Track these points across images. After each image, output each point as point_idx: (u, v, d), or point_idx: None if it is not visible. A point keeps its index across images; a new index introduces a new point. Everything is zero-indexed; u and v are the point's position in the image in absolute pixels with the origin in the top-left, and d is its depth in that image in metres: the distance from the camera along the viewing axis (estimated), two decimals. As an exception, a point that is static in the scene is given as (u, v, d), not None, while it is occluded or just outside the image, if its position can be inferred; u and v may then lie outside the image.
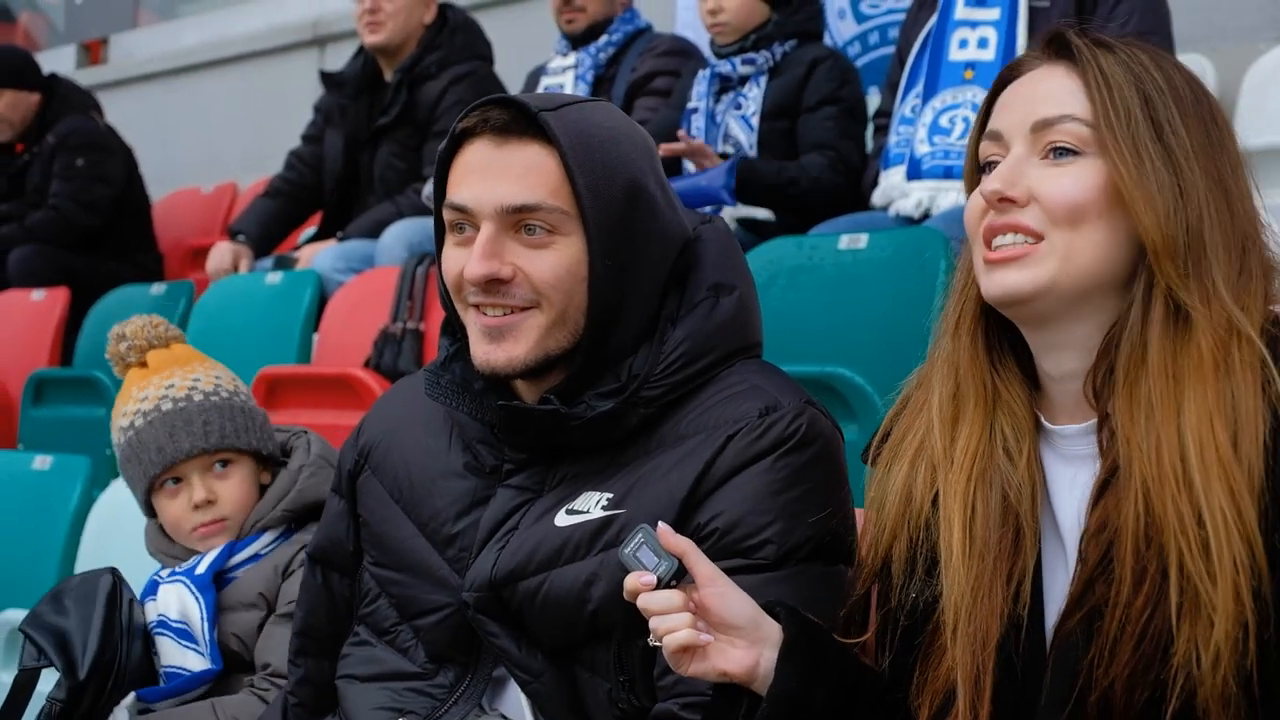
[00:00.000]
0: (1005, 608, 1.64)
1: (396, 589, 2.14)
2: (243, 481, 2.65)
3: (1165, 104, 1.63)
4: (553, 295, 1.95)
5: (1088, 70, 1.66)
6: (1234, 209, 1.61)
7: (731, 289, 2.06)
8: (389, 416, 2.27)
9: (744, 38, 4.42)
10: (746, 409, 1.95)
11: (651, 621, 1.69)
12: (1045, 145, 1.66)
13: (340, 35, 7.38)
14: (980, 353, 1.74)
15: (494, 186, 1.94)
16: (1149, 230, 1.59)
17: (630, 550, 1.72)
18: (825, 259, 3.57)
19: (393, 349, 4.35)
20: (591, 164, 1.93)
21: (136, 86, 8.80)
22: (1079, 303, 1.64)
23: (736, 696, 1.74)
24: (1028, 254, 1.64)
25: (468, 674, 2.07)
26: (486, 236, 1.95)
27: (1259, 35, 4.53)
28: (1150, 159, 1.60)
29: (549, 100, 1.99)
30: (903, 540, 1.76)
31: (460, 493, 2.10)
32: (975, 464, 1.70)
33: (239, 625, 2.58)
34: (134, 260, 6.33)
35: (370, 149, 5.32)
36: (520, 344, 1.97)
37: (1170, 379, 1.56)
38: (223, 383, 2.67)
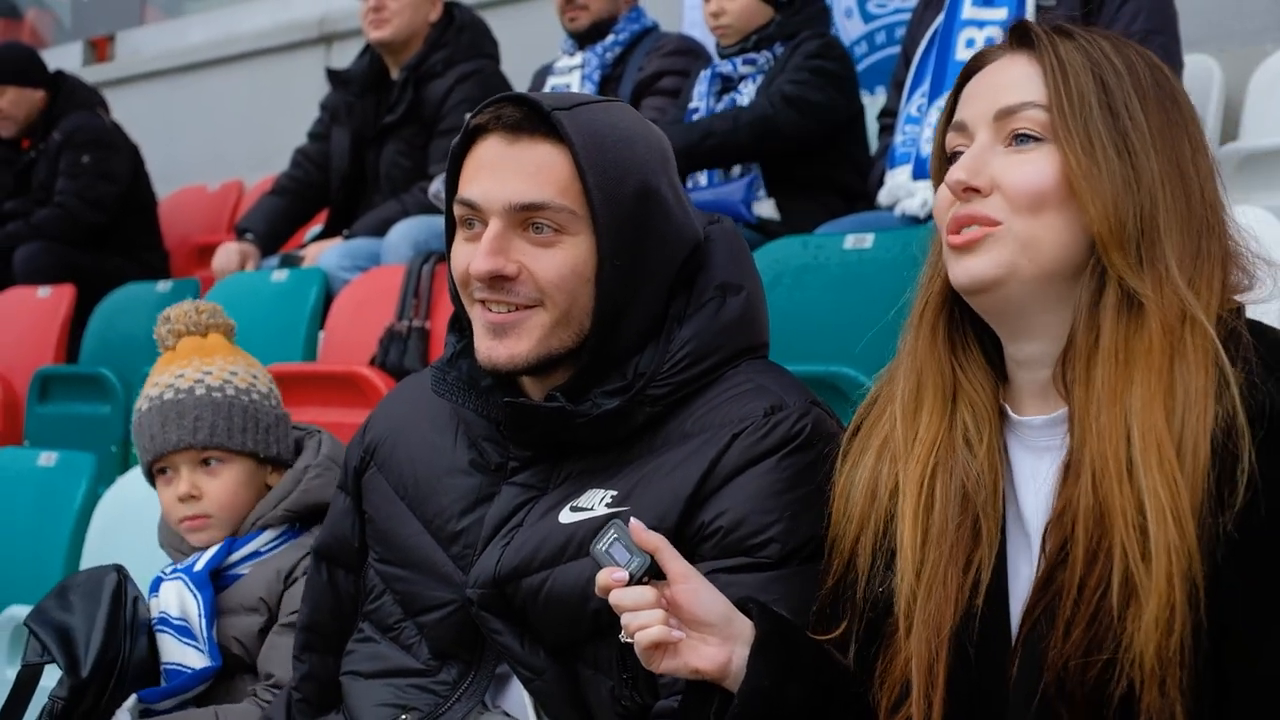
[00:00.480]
0: (961, 597, 1.64)
1: (401, 585, 2.14)
2: (232, 481, 2.62)
3: (1123, 89, 1.63)
4: (557, 295, 1.95)
5: (1045, 57, 1.66)
6: (1191, 194, 1.61)
7: (739, 289, 2.06)
8: (395, 413, 2.27)
9: (746, 38, 4.42)
10: (752, 408, 1.95)
11: (623, 618, 1.69)
12: (1008, 133, 1.67)
13: (346, 33, 7.38)
14: (941, 345, 1.75)
15: (504, 184, 1.95)
16: (1095, 219, 1.59)
17: (602, 546, 1.71)
18: (830, 258, 3.57)
19: (398, 347, 4.34)
20: (603, 164, 1.93)
21: (143, 84, 8.80)
22: (1043, 289, 1.64)
23: (708, 694, 1.74)
24: (985, 234, 1.64)
25: (471, 671, 2.07)
26: (494, 233, 1.95)
27: (1266, 36, 4.52)
28: (1103, 145, 1.60)
29: (563, 99, 1.99)
30: (868, 534, 1.76)
31: (465, 490, 2.10)
32: (933, 455, 1.70)
33: (239, 629, 2.57)
34: (140, 258, 6.34)
35: (376, 147, 5.32)
36: (523, 341, 1.97)
37: (1121, 365, 1.57)
38: (235, 379, 2.64)
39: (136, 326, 5.11)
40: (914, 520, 1.69)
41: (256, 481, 2.66)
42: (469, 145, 2.01)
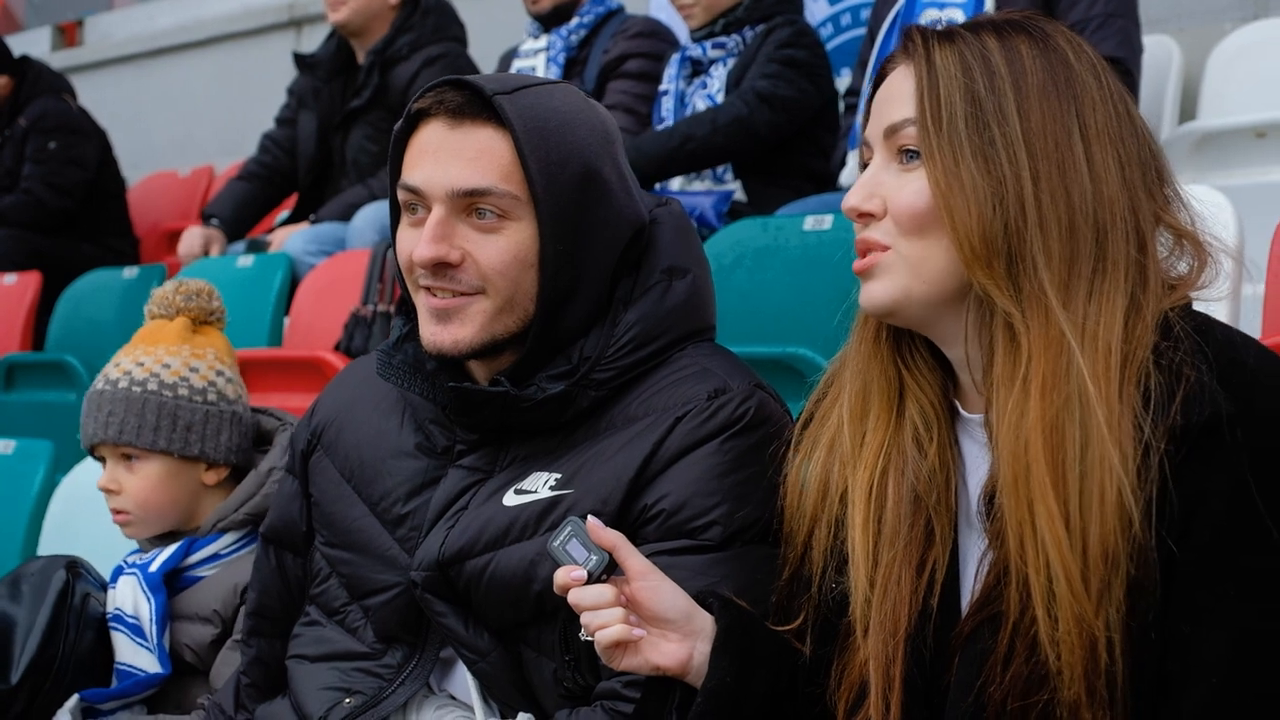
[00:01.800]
0: (916, 598, 1.63)
1: (347, 569, 2.14)
2: (151, 479, 2.58)
3: (996, 94, 1.57)
4: (499, 282, 1.95)
5: (917, 67, 1.62)
6: (1077, 195, 1.53)
7: (685, 272, 2.06)
8: (342, 396, 2.27)
9: (713, 21, 4.42)
10: (695, 391, 1.96)
11: (583, 617, 1.68)
12: (897, 150, 1.63)
13: (316, 17, 7.37)
14: (886, 346, 1.72)
15: (446, 169, 1.94)
16: (956, 239, 1.55)
17: (560, 543, 1.71)
18: (790, 240, 3.57)
19: (363, 331, 4.33)
20: (545, 148, 1.93)
21: (112, 69, 8.79)
22: (945, 306, 1.61)
23: (667, 690, 1.73)
24: (877, 261, 1.62)
25: (415, 654, 2.07)
26: (436, 219, 1.94)
27: (1224, 16, 4.54)
28: (966, 159, 1.55)
29: (505, 82, 1.97)
30: (821, 531, 1.75)
31: (411, 473, 2.10)
32: (880, 458, 1.68)
33: (192, 637, 2.55)
34: (109, 244, 6.31)
35: (343, 132, 5.31)
36: (466, 327, 1.96)
37: (1016, 388, 1.52)
38: (165, 373, 2.58)
39: (102, 313, 5.11)
40: (864, 527, 1.67)
41: (182, 480, 2.60)
42: (412, 130, 2.01)
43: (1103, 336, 1.50)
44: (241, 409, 2.67)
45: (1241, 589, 1.45)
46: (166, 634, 2.53)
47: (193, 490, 2.62)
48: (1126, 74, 3.73)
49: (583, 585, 1.68)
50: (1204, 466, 1.46)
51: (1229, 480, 1.45)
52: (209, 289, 2.71)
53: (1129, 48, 3.78)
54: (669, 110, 4.45)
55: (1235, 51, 4.21)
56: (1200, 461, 1.46)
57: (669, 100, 4.48)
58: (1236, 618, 1.45)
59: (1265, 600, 1.45)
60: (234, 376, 2.69)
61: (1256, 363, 1.49)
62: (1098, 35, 3.74)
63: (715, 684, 1.68)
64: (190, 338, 2.66)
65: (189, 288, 2.69)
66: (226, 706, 2.30)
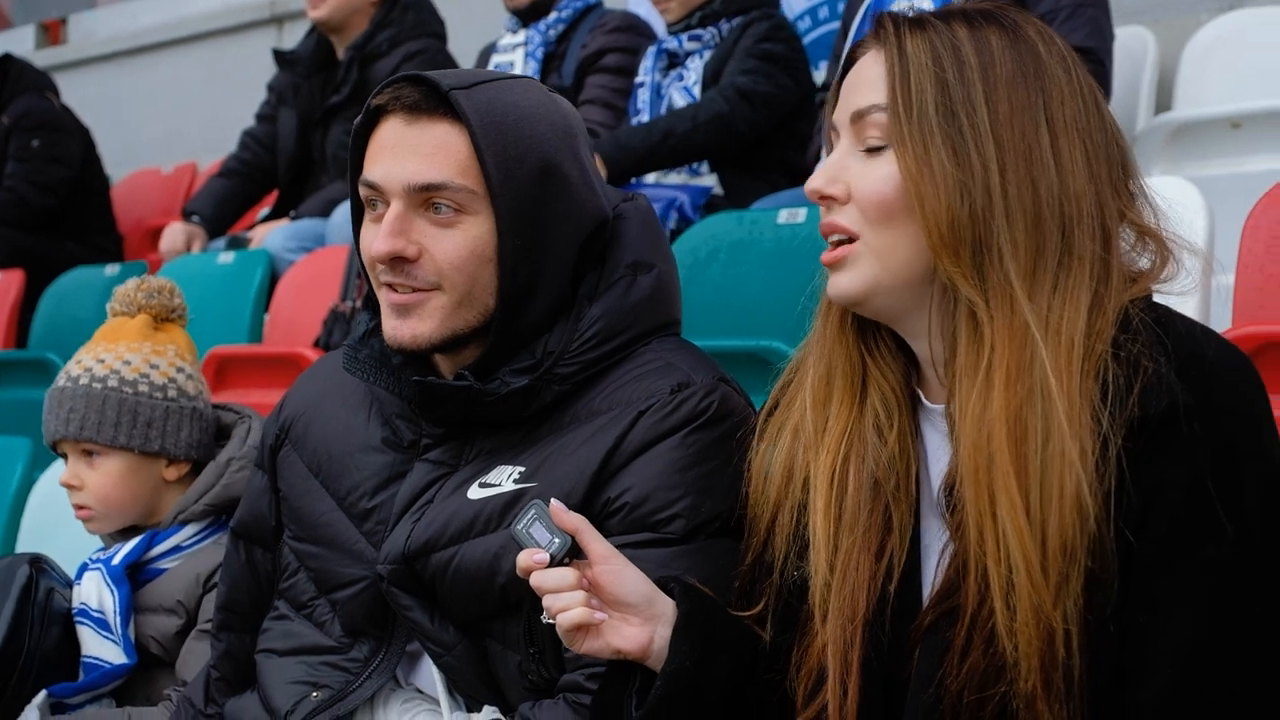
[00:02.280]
0: (874, 584, 1.64)
1: (314, 562, 2.14)
2: (111, 474, 2.60)
3: (966, 83, 1.57)
4: (455, 277, 1.95)
5: (889, 54, 1.62)
6: (1044, 188, 1.54)
7: (650, 267, 2.07)
8: (310, 391, 2.28)
9: (690, 14, 4.43)
10: (659, 386, 1.96)
11: (545, 600, 1.68)
12: (863, 137, 1.63)
13: (297, 13, 7.36)
14: (850, 334, 1.72)
15: (403, 164, 1.94)
16: (925, 226, 1.55)
17: (523, 526, 1.71)
18: (765, 234, 3.58)
19: (342, 327, 4.33)
20: (502, 143, 1.93)
21: (96, 66, 8.78)
22: (912, 296, 1.62)
23: (627, 674, 1.74)
24: (847, 254, 1.62)
25: (382, 648, 2.08)
26: (394, 214, 1.95)
27: (1200, 7, 4.54)
28: (936, 147, 1.55)
29: (463, 78, 1.98)
30: (784, 517, 1.75)
31: (378, 467, 2.11)
32: (842, 445, 1.69)
33: (157, 629, 2.56)
34: (92, 241, 6.30)
35: (323, 128, 5.31)
36: (425, 322, 1.97)
37: (978, 380, 1.53)
38: (126, 370, 2.59)
39: (84, 310, 5.11)
40: (826, 512, 1.68)
41: (143, 476, 2.62)
42: (373, 126, 2.01)
43: (1066, 330, 1.51)
44: (202, 405, 2.68)
45: (1198, 580, 1.46)
46: (131, 625, 2.54)
47: (154, 486, 2.64)
48: (1098, 63, 3.74)
49: (545, 568, 1.68)
50: (1161, 458, 1.47)
51: (1186, 472, 1.46)
52: (171, 286, 2.73)
53: (1100, 37, 3.79)
54: (645, 102, 4.46)
55: (1211, 42, 4.22)
56: (1158, 453, 1.47)
57: (645, 92, 4.48)
58: (1193, 609, 1.46)
59: (1221, 591, 1.46)
60: (194, 373, 2.70)
61: (1215, 355, 1.50)
62: (1068, 25, 3.75)
63: (675, 667, 1.69)
64: (151, 335, 2.67)
65: (150, 285, 2.70)
66: (197, 700, 2.31)
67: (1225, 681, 1.46)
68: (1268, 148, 3.72)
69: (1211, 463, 1.45)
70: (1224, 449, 1.46)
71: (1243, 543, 1.46)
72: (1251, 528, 1.46)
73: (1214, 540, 1.45)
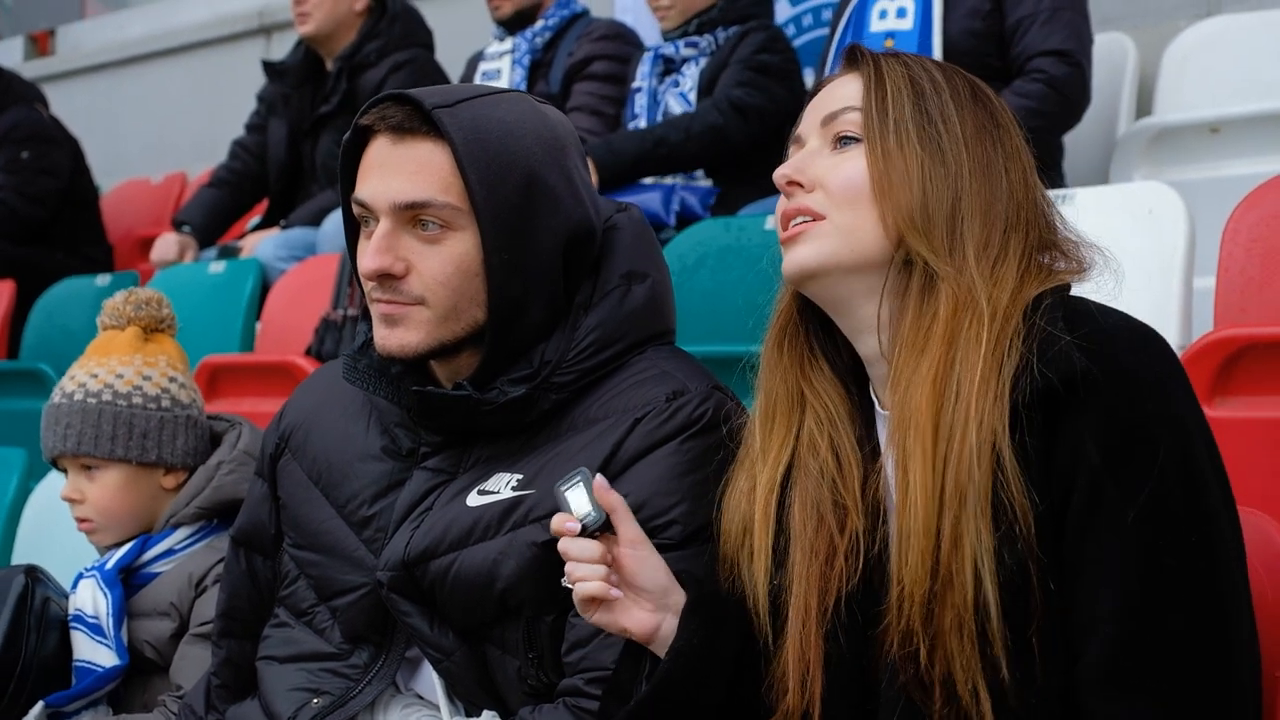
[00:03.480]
0: (829, 587, 1.70)
1: (315, 570, 2.17)
2: (111, 487, 2.64)
3: (939, 97, 1.73)
4: (441, 292, 1.99)
5: (865, 68, 1.76)
6: (995, 192, 1.70)
7: (644, 277, 2.10)
8: (309, 400, 2.31)
9: (687, 22, 4.47)
10: (654, 394, 2.00)
11: (567, 566, 1.77)
12: (833, 136, 1.75)
13: (286, 24, 7.36)
14: (787, 360, 1.83)
15: (389, 183, 1.98)
16: (896, 208, 1.68)
17: (565, 488, 1.78)
18: (752, 240, 3.61)
19: (333, 336, 4.36)
20: (485, 159, 1.96)
21: (85, 77, 8.77)
22: (864, 279, 1.71)
23: (639, 659, 1.82)
24: (809, 229, 1.72)
25: (382, 654, 2.11)
26: (382, 232, 1.99)
27: (1179, 13, 4.59)
28: (911, 138, 1.70)
29: (447, 95, 2.01)
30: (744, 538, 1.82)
31: (378, 475, 2.14)
32: (780, 466, 1.79)
33: (151, 633, 2.59)
34: (82, 252, 6.30)
35: (313, 138, 5.33)
36: (412, 332, 2.01)
37: (915, 352, 1.64)
38: (119, 383, 2.63)
39: (75, 321, 5.11)
40: (763, 528, 1.78)
41: (142, 486, 2.66)
42: (362, 143, 2.05)
43: (992, 304, 1.63)
44: (196, 413, 2.72)
45: (1124, 541, 1.54)
46: (124, 627, 2.57)
47: (153, 495, 2.67)
48: (1075, 66, 3.79)
49: (575, 536, 1.76)
50: (1071, 426, 1.56)
51: (1096, 436, 1.55)
52: (159, 297, 2.75)
53: (1078, 40, 3.84)
54: (642, 107, 4.49)
55: (1190, 48, 4.27)
56: (1067, 421, 1.56)
57: (642, 97, 4.51)
58: (1120, 569, 1.54)
59: (1147, 547, 1.53)
60: (187, 382, 2.73)
61: (1116, 327, 1.60)
62: (1047, 28, 3.80)
63: (683, 644, 1.77)
64: (142, 346, 2.70)
65: (138, 297, 2.73)
66: (197, 707, 2.33)
67: (1161, 634, 1.52)
68: (1246, 152, 3.77)
69: (1118, 428, 1.54)
70: (1130, 413, 1.55)
71: (1160, 501, 1.53)
72: (1169, 487, 1.53)
73: (1132, 503, 1.53)
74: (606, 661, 1.91)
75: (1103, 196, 3.15)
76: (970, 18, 3.87)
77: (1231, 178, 3.67)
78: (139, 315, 2.71)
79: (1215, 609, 1.53)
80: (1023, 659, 1.55)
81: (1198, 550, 1.54)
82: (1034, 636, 1.55)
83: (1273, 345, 2.59)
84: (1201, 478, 1.56)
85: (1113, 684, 1.53)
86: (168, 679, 2.56)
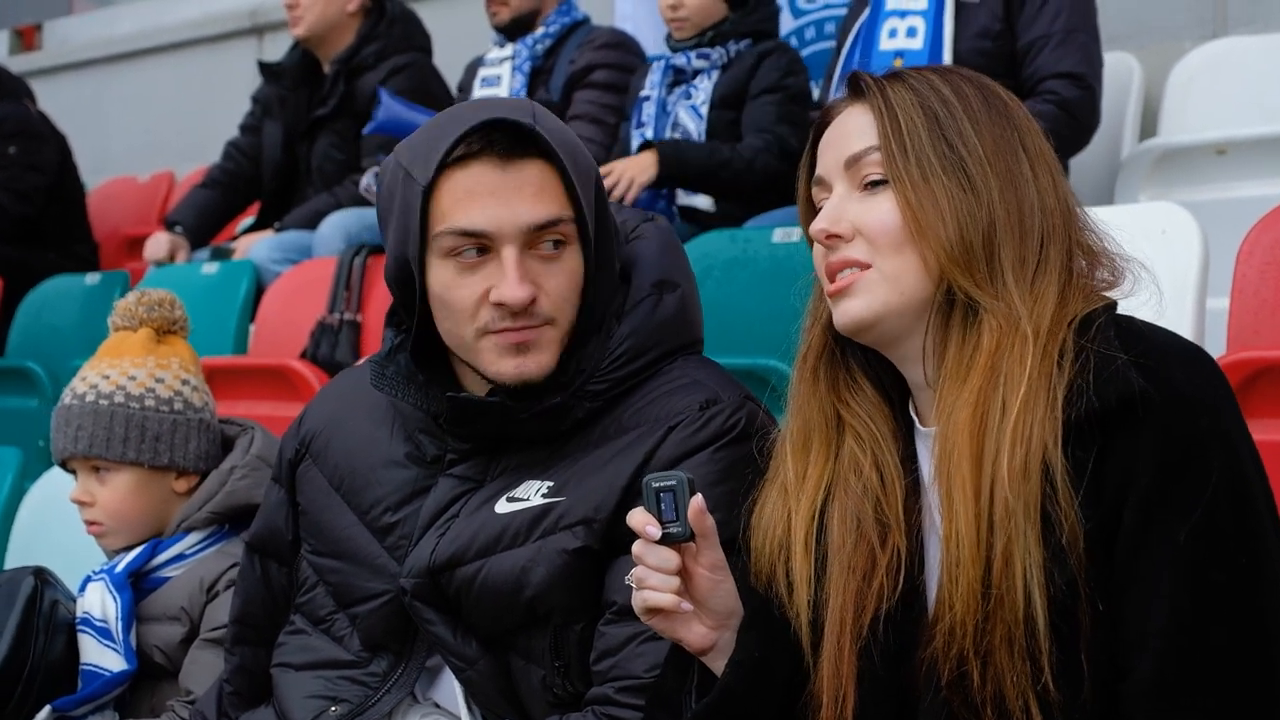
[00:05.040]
0: (865, 605, 1.69)
1: (335, 577, 2.15)
2: (121, 490, 2.61)
3: (955, 117, 1.70)
4: (566, 310, 2.00)
5: (874, 101, 1.73)
6: (1027, 206, 1.67)
7: (675, 286, 2.10)
8: (331, 406, 2.29)
9: (701, 34, 4.46)
10: (687, 402, 1.99)
11: (638, 572, 1.74)
12: (860, 179, 1.72)
13: (278, 24, 7.33)
14: (823, 386, 1.80)
15: (513, 208, 1.95)
16: (934, 247, 1.65)
17: (659, 485, 1.73)
18: (759, 252, 3.61)
19: (329, 340, 4.33)
20: (579, 172, 1.98)
21: (72, 73, 8.72)
22: (917, 318, 1.70)
23: (687, 667, 1.81)
24: (857, 279, 1.69)
25: (401, 662, 2.09)
26: (515, 259, 1.95)
27: (1185, 34, 4.61)
28: (938, 174, 1.67)
29: (522, 109, 1.98)
30: (780, 567, 1.79)
31: (401, 482, 2.12)
32: (821, 489, 1.77)
33: (160, 638, 2.56)
34: (69, 250, 6.24)
35: (308, 140, 5.30)
36: (545, 354, 1.99)
37: (959, 381, 1.63)
38: (132, 385, 2.60)
39: (63, 319, 5.08)
40: (805, 553, 1.75)
41: (154, 490, 2.63)
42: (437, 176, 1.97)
43: (1034, 324, 1.61)
44: (209, 416, 2.69)
45: (1175, 561, 1.53)
46: (132, 632, 2.55)
47: (164, 499, 2.65)
48: (1087, 89, 3.79)
49: (652, 542, 1.73)
50: (1124, 446, 1.55)
51: (1149, 457, 1.54)
52: (171, 298, 2.73)
53: (1090, 63, 3.85)
54: (650, 116, 4.45)
55: (1195, 69, 4.28)
56: (1120, 441, 1.55)
57: (650, 106, 4.47)
58: (1170, 587, 1.53)
59: (1197, 564, 1.53)
60: (200, 385, 2.70)
61: (1171, 347, 1.60)
62: (1059, 51, 3.80)
63: (743, 657, 1.76)
64: (155, 348, 2.68)
65: (151, 298, 2.70)
66: (209, 714, 2.31)
67: (1209, 653, 1.52)
68: (1252, 174, 3.78)
69: (1173, 447, 1.54)
70: (1184, 432, 1.54)
71: (1212, 520, 1.52)
72: (1220, 506, 1.53)
73: (1184, 521, 1.52)
74: (638, 670, 1.89)
75: (1114, 216, 3.13)
76: (981, 38, 3.87)
77: (1238, 199, 3.68)
78: (152, 317, 2.69)
79: (1262, 627, 1.53)
80: (1071, 675, 1.55)
81: (1247, 569, 1.54)
82: (1082, 653, 1.55)
83: (1289, 368, 2.59)
84: (1251, 497, 1.56)
85: (1162, 699, 1.53)
86: (176, 684, 2.54)
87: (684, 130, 4.40)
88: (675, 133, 4.42)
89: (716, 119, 4.38)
